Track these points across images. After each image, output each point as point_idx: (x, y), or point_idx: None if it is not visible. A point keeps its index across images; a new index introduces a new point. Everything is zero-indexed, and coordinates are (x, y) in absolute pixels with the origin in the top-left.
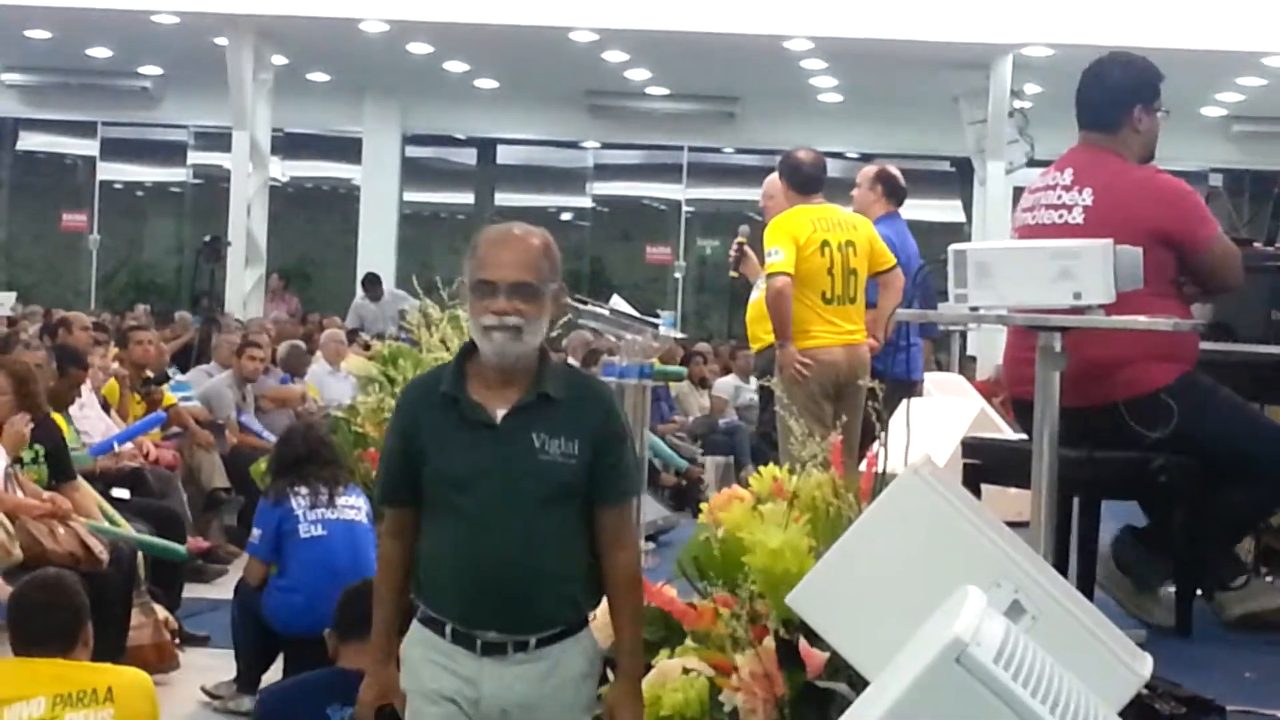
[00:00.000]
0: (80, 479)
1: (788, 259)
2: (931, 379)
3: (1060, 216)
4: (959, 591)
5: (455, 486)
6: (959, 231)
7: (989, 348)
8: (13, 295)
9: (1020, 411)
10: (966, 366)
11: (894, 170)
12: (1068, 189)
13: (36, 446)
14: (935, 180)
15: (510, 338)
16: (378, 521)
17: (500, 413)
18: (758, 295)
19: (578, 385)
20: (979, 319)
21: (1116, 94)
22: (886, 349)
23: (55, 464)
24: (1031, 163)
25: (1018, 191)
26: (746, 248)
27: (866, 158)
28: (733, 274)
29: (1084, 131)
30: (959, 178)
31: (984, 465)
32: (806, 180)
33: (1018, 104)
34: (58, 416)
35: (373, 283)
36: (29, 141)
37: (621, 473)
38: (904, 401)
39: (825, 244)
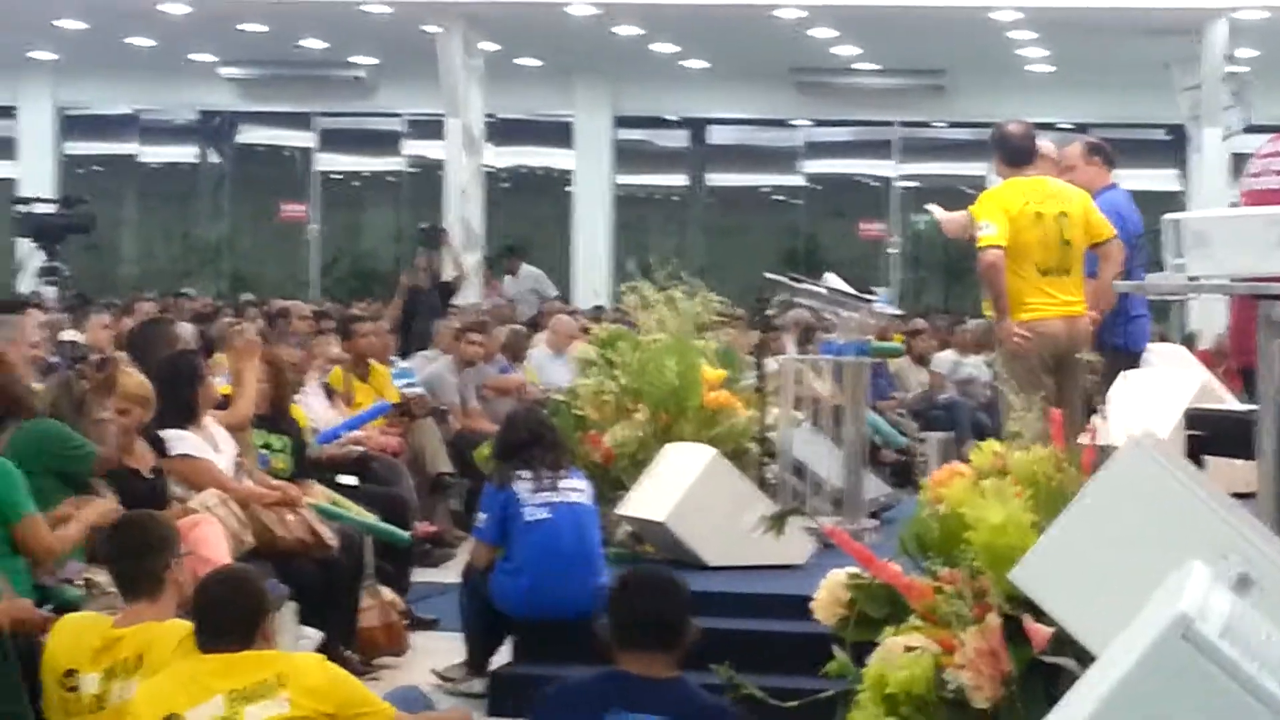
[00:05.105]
0: (314, 483)
1: (1000, 232)
2: (1153, 350)
3: None
4: (1184, 566)
5: None
6: (1175, 200)
7: (1210, 318)
8: None
9: (1249, 380)
10: (1188, 337)
11: (1097, 140)
12: None
13: (284, 437)
14: (1150, 149)
15: None
16: (601, 502)
17: None
18: None
19: None
20: (1197, 289)
21: None
22: (1108, 320)
23: (299, 459)
24: (1250, 128)
25: (1236, 158)
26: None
27: (1080, 128)
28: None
29: None
30: (1174, 145)
31: (1208, 437)
32: (1017, 152)
33: (1232, 69)
34: (296, 409)
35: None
36: (248, 135)
37: None
38: (1124, 374)
39: (1039, 216)
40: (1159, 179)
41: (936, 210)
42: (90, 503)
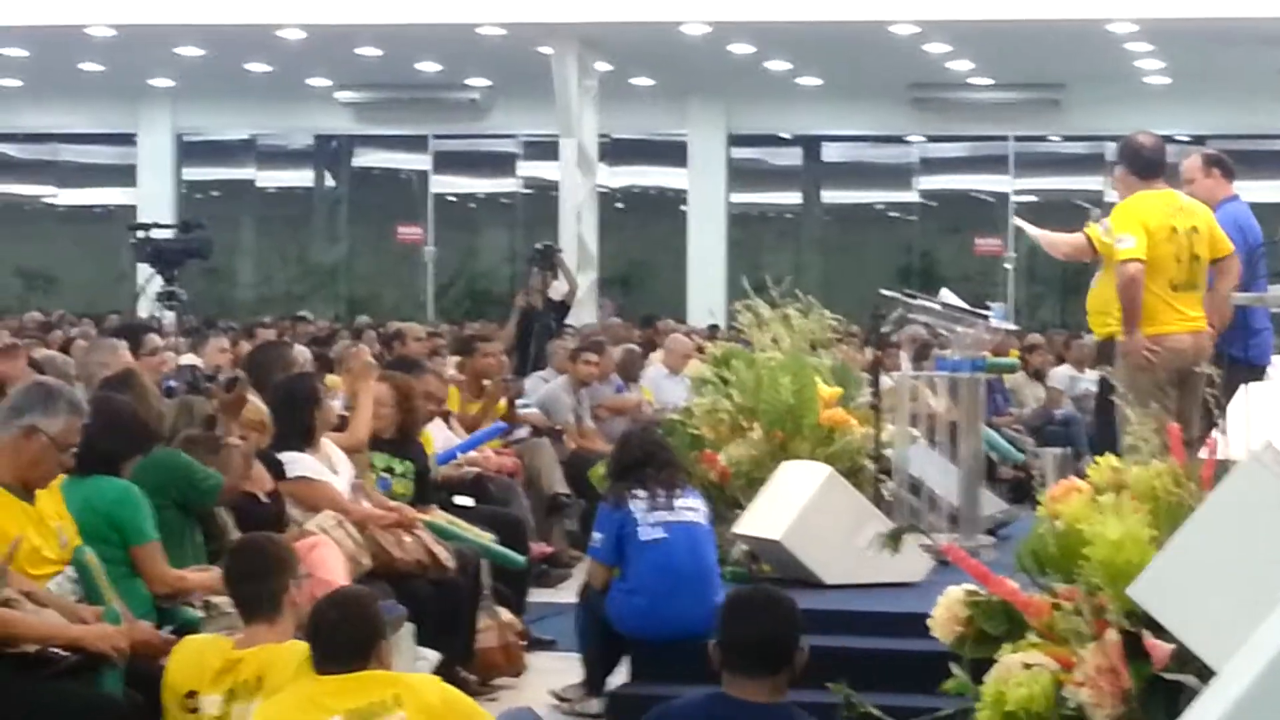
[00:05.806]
0: (435, 507)
1: (1139, 245)
2: (1276, 363)
3: None
4: None
5: None
6: None
7: None
8: None
9: None
10: None
11: (1215, 151)
12: None
13: (408, 462)
14: (1267, 159)
15: None
16: (717, 521)
17: None
18: (1098, 282)
19: None
20: None
21: None
22: (1228, 333)
23: (421, 485)
24: None
25: None
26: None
27: (1198, 139)
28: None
29: None
30: None
31: None
32: (1148, 165)
33: None
34: (425, 436)
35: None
36: (364, 158)
37: None
38: (1243, 387)
39: (1174, 230)
40: (1276, 190)
41: (1028, 228)
42: (210, 571)
